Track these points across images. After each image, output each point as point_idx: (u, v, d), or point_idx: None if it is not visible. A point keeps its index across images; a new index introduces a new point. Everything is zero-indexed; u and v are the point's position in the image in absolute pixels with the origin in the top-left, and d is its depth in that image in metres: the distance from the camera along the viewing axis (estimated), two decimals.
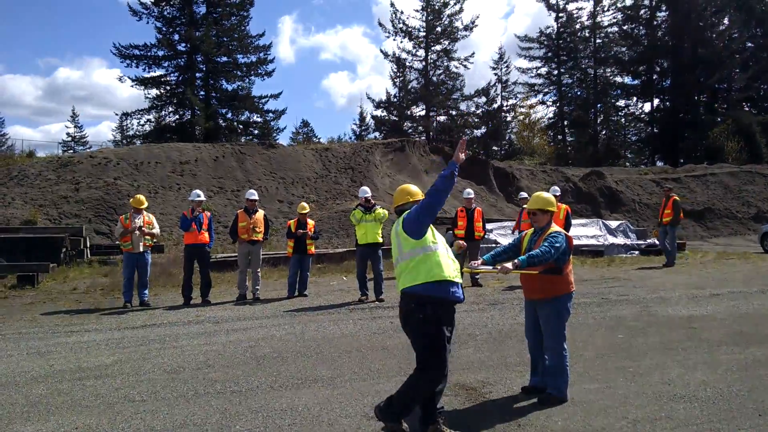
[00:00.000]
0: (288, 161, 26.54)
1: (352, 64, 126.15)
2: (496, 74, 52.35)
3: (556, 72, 51.57)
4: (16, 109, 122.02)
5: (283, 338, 7.67)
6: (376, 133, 49.59)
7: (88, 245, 17.20)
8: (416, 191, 4.64)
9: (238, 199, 23.08)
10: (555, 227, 5.29)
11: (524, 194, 13.75)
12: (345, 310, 9.77)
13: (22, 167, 24.23)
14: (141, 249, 10.31)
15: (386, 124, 48.53)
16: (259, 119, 48.53)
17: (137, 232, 10.26)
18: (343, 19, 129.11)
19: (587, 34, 50.78)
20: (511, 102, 51.97)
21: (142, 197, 10.79)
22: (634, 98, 51.66)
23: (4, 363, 6.58)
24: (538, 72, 51.91)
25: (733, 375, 5.71)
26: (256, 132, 48.70)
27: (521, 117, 52.67)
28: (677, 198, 15.56)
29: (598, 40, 50.48)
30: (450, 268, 4.28)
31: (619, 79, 51.24)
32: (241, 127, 48.83)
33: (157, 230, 10.70)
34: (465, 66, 48.91)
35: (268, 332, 8.04)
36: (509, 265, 4.92)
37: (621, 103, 52.15)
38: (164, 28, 45.74)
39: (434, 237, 4.35)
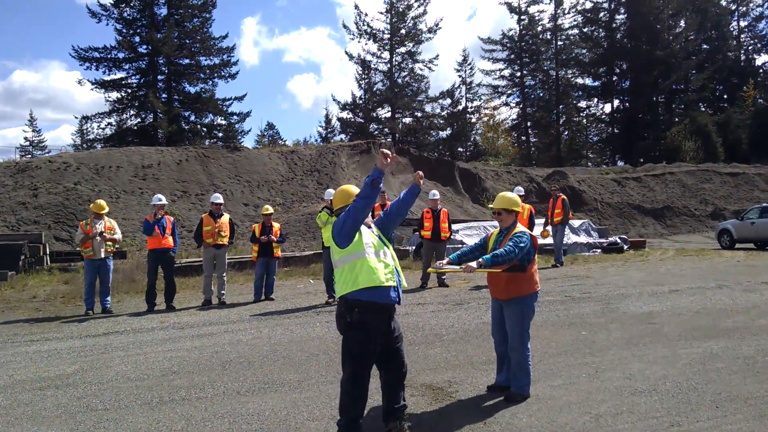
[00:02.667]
0: (253, 164, 26.31)
1: (316, 66, 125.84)
2: (460, 76, 52.90)
3: (518, 74, 52.22)
4: None
5: (249, 342, 7.61)
6: (342, 135, 49.52)
7: (48, 252, 16.79)
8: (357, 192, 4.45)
9: (202, 203, 22.79)
10: (520, 227, 5.36)
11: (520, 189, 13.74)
12: (312, 312, 9.74)
13: None
14: (102, 255, 10.10)
15: (352, 126, 48.46)
16: (223, 122, 48.01)
17: (98, 237, 10.05)
18: (307, 20, 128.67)
19: (549, 37, 51.56)
20: (475, 104, 52.47)
21: (102, 202, 10.57)
22: (595, 99, 52.74)
23: None
24: (502, 74, 52.55)
25: (692, 368, 5.88)
26: (220, 135, 48.14)
27: (485, 118, 53.26)
28: (565, 197, 16.09)
29: (559, 42, 51.31)
30: (382, 272, 4.19)
31: (580, 80, 52.25)
32: (204, 130, 48.19)
33: (118, 235, 10.49)
34: (430, 68, 49.50)
35: (234, 337, 7.96)
36: (474, 264, 4.95)
37: (582, 104, 53.17)
38: (124, 30, 44.89)
39: (362, 242, 4.21)
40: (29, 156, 47.94)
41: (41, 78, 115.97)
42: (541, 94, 52.90)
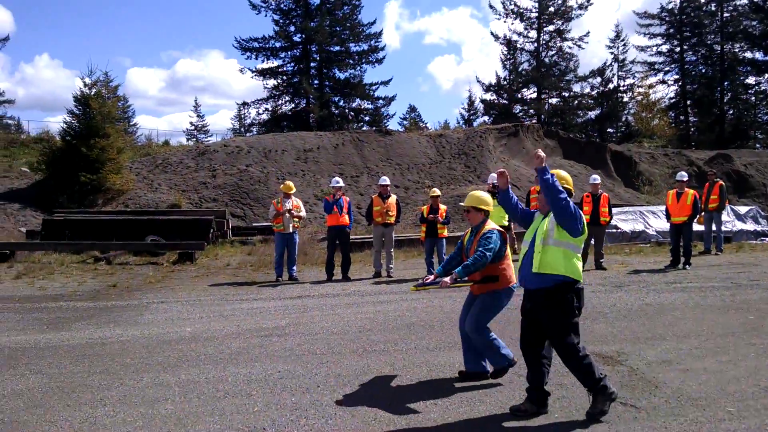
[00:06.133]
0: (402, 148, 27.50)
1: (457, 46, 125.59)
2: (612, 53, 50.48)
3: (678, 49, 48.97)
4: (142, 100, 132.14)
5: (425, 310, 8.55)
6: (486, 117, 49.56)
7: (230, 227, 19.03)
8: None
9: (357, 185, 24.37)
10: (489, 225, 5.40)
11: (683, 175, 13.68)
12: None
13: (165, 156, 26.88)
14: (291, 230, 11.58)
15: (496, 107, 48.32)
16: (369, 106, 50.03)
17: (287, 214, 11.52)
18: (450, 1, 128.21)
19: (713, 8, 47.74)
20: (628, 82, 49.96)
21: (290, 183, 12.06)
22: (766, 75, 48.07)
23: (199, 323, 7.91)
24: (659, 50, 49.56)
25: None
26: (367, 119, 50.27)
27: (639, 97, 50.53)
28: (723, 183, 15.32)
29: (725, 14, 47.35)
30: None
31: (748, 54, 47.86)
32: (352, 114, 50.59)
33: (303, 213, 11.95)
34: (579, 46, 47.60)
35: (410, 304, 8.94)
36: (447, 279, 5.07)
37: (750, 80, 48.71)
38: (281, 20, 48.12)
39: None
40: (194, 139, 52.87)
41: (202, 66, 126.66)
42: (703, 71, 49.22)
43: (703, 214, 14.69)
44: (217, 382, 5.38)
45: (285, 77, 48.92)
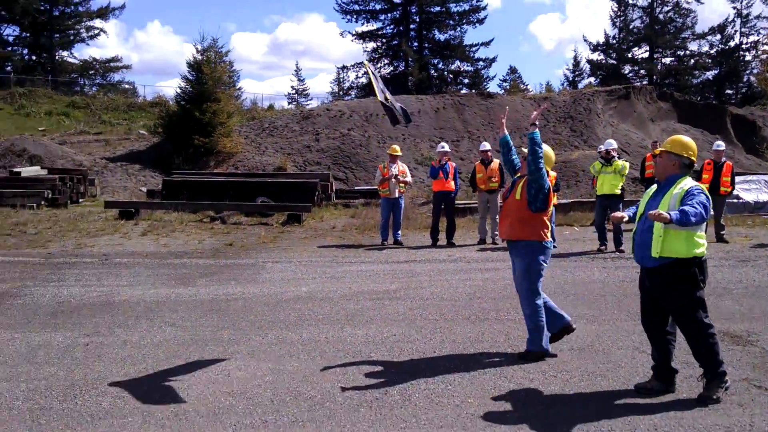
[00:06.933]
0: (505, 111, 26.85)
1: (561, 4, 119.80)
2: (734, 8, 46.50)
3: None
4: (246, 65, 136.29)
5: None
6: (592, 79, 47.34)
7: (334, 190, 19.48)
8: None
9: (457, 149, 24.14)
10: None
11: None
12: (586, 258, 10.24)
13: (271, 120, 27.77)
14: (396, 195, 11.70)
15: (604, 68, 46.05)
16: (469, 68, 49.06)
17: (393, 179, 11.63)
18: None
19: None
20: (752, 39, 45.95)
21: (396, 147, 12.15)
22: None
23: (313, 284, 8.23)
24: None
25: None
26: (466, 81, 49.42)
27: (764, 56, 46.35)
28: None
29: None
30: None
31: None
32: (451, 77, 49.85)
33: (409, 178, 12.03)
34: (698, 0, 44.18)
35: None
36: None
37: None
38: None
39: None
40: (294, 103, 54.05)
41: (302, 30, 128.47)
42: None
43: None
44: (336, 342, 5.60)
45: (384, 40, 48.87)
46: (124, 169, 23.45)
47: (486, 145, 12.22)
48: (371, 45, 48.48)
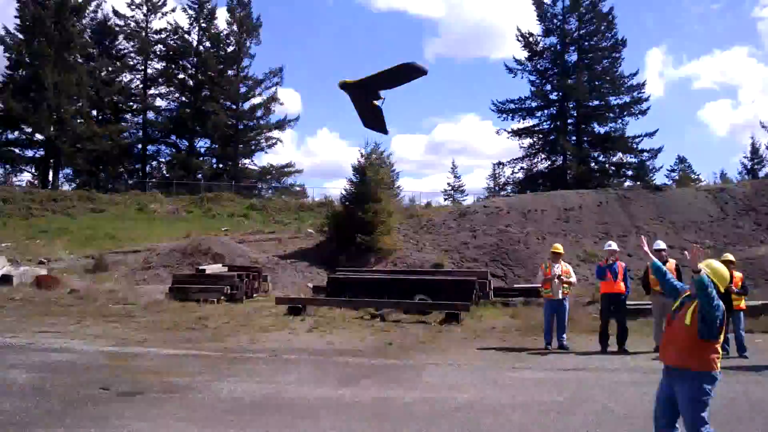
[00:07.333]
0: (675, 204, 25.15)
1: (733, 90, 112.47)
2: None
3: None
4: (405, 165, 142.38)
5: (725, 396, 7.39)
6: None
7: (491, 287, 19.11)
8: None
9: (624, 246, 22.76)
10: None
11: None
12: None
13: (429, 218, 28.41)
14: (560, 296, 11.17)
15: None
16: (633, 159, 47.14)
17: (556, 280, 11.16)
18: (722, 42, 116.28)
19: None
20: None
21: (558, 245, 11.74)
22: None
23: (474, 390, 7.93)
24: None
25: None
26: (629, 173, 47.37)
27: None
28: None
29: None
30: None
31: None
32: (613, 169, 48.12)
33: (574, 279, 11.48)
34: None
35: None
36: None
37: None
38: (537, 81, 48.46)
39: None
40: (450, 199, 54.92)
41: (458, 129, 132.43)
42: None
43: None
44: None
45: (541, 135, 48.88)
46: (294, 266, 25.00)
47: (660, 244, 11.38)
48: (527, 141, 48.70)
